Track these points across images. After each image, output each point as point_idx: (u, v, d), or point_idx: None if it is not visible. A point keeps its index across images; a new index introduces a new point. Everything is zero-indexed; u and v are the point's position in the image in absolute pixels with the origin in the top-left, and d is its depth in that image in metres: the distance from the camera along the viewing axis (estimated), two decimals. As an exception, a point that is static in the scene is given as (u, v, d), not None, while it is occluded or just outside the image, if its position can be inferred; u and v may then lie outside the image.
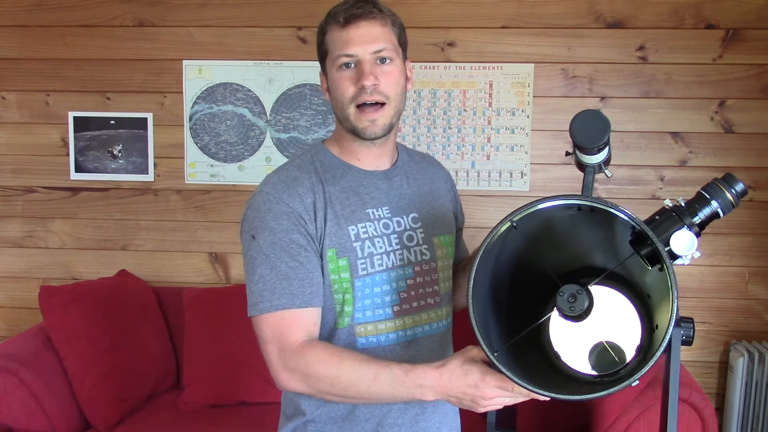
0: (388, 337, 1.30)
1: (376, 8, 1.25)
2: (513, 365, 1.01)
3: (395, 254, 1.31)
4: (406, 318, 1.31)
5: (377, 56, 1.24)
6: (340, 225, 1.27)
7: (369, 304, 1.29)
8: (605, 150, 1.10)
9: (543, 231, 1.08)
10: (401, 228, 1.33)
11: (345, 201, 1.29)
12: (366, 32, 1.23)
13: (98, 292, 2.52)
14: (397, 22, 1.30)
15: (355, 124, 1.26)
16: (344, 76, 1.25)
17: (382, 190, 1.34)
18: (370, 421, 1.30)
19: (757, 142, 2.66)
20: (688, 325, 1.01)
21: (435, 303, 1.35)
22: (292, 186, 1.27)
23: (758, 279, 2.70)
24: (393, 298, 1.30)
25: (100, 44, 2.80)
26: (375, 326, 1.29)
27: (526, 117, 2.71)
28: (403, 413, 1.31)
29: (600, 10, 2.65)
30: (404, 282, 1.31)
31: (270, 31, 2.75)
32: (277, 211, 1.24)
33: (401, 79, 1.29)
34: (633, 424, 1.94)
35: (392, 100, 1.26)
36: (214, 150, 2.81)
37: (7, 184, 2.89)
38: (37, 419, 2.16)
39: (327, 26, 1.27)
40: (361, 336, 1.29)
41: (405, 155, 1.43)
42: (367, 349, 1.28)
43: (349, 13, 1.23)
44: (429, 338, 1.34)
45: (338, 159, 1.34)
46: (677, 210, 1.03)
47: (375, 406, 1.29)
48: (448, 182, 1.51)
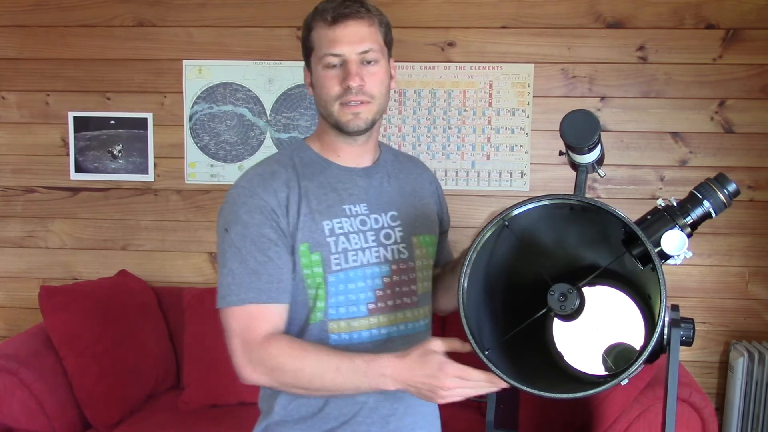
0: (361, 335, 1.29)
1: (363, 8, 1.26)
2: (506, 365, 1.01)
3: (371, 251, 1.31)
4: (381, 316, 1.31)
5: (363, 57, 1.25)
6: (314, 220, 1.28)
7: (343, 300, 1.28)
8: (597, 150, 1.10)
9: (535, 231, 1.08)
10: (379, 225, 1.33)
11: (322, 196, 1.30)
12: (353, 32, 1.24)
13: (98, 292, 2.52)
14: (383, 21, 1.30)
15: (338, 118, 1.27)
16: (330, 75, 1.25)
17: (360, 186, 1.34)
18: (339, 419, 1.29)
19: (757, 142, 2.66)
20: (688, 326, 1.01)
21: (412, 303, 1.34)
22: (268, 180, 1.28)
23: (758, 279, 2.70)
24: (368, 295, 1.30)
25: (100, 44, 2.80)
26: (348, 323, 1.29)
27: (526, 117, 2.71)
28: (372, 413, 1.30)
29: (600, 10, 2.65)
30: (380, 280, 1.31)
31: (270, 31, 2.75)
32: (251, 204, 1.25)
33: (386, 79, 1.30)
34: (633, 424, 1.94)
35: (377, 98, 1.27)
36: (214, 150, 2.81)
37: (7, 184, 2.89)
38: (37, 419, 2.16)
39: (313, 22, 1.28)
40: (333, 332, 1.29)
41: (389, 155, 1.44)
42: (340, 347, 1.27)
43: (337, 12, 1.24)
44: (405, 338, 1.32)
45: (317, 155, 1.34)
46: (669, 210, 1.03)
47: (344, 404, 1.29)
48: (432, 184, 1.50)
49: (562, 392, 0.98)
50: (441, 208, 1.50)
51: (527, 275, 1.09)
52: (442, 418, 1.45)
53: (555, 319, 1.11)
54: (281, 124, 2.79)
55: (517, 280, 1.13)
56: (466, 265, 1.04)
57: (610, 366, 1.08)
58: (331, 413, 1.29)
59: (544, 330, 1.16)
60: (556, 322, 1.13)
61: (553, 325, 1.15)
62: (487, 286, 1.10)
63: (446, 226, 1.52)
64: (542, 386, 0.99)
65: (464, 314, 1.02)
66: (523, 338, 1.06)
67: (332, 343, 1.28)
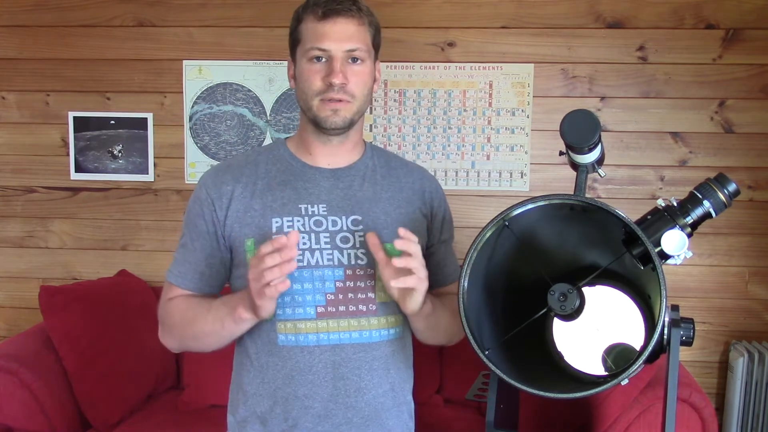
0: (307, 338, 1.28)
1: (355, 6, 1.26)
2: (506, 365, 1.01)
3: (322, 253, 1.29)
4: (330, 321, 1.28)
5: (349, 55, 1.25)
6: (264, 216, 1.30)
7: (289, 301, 1.28)
8: (597, 149, 1.10)
9: (536, 231, 1.08)
10: (336, 228, 1.31)
11: (279, 193, 1.31)
12: (342, 29, 1.24)
13: (98, 292, 2.52)
14: (373, 23, 1.31)
15: (317, 113, 1.27)
16: (314, 69, 1.26)
17: (323, 187, 1.33)
18: (288, 422, 1.31)
19: (757, 142, 2.66)
20: (688, 326, 1.01)
21: (368, 311, 1.30)
22: (219, 174, 1.36)
23: (758, 279, 2.70)
24: (317, 298, 1.28)
25: (100, 44, 2.80)
26: (294, 325, 1.29)
27: (526, 117, 2.71)
28: (323, 420, 1.30)
29: (600, 10, 2.65)
30: (332, 284, 1.29)
31: (270, 31, 2.75)
32: (197, 195, 1.36)
33: (369, 80, 1.30)
34: (633, 424, 1.94)
35: (357, 99, 1.28)
36: (214, 150, 2.81)
37: (7, 184, 2.89)
38: (37, 419, 2.16)
39: (304, 14, 1.27)
40: (281, 332, 1.30)
41: (379, 159, 1.41)
42: (287, 348, 1.29)
43: (328, 8, 1.24)
44: (357, 347, 1.30)
45: (289, 153, 1.37)
46: (669, 210, 1.03)
47: (291, 408, 1.30)
48: (428, 194, 1.43)
49: (562, 392, 0.98)
50: (434, 221, 1.43)
51: (527, 275, 1.09)
52: (443, 418, 1.45)
53: (555, 319, 1.11)
54: (281, 124, 2.79)
55: (517, 280, 1.13)
56: (466, 265, 1.04)
57: (610, 366, 1.08)
58: (277, 417, 1.32)
59: (544, 330, 1.16)
60: (556, 322, 1.13)
61: (553, 325, 1.15)
62: (487, 286, 1.10)
63: (438, 239, 1.44)
64: (542, 386, 0.99)
65: (464, 314, 1.02)
66: (523, 338, 1.06)
67: (280, 343, 1.30)
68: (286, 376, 1.30)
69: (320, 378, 1.29)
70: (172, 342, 1.38)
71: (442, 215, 1.45)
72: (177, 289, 1.38)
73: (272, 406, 1.31)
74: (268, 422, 1.32)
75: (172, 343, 1.38)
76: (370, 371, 1.31)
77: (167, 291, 1.39)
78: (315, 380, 1.29)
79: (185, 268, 1.37)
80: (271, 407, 1.31)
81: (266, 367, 1.32)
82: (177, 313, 1.34)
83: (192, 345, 1.37)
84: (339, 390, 1.30)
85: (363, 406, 1.31)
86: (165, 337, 1.38)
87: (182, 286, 1.37)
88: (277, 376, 1.31)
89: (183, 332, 1.34)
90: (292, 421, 1.30)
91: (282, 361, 1.30)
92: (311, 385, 1.29)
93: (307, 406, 1.30)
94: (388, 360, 1.34)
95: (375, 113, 2.74)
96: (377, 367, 1.32)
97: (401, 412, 1.39)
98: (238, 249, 1.32)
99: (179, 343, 1.38)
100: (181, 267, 1.37)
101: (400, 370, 1.38)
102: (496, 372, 0.99)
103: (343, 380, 1.30)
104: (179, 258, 1.39)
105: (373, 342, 1.32)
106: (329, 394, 1.30)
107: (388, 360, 1.34)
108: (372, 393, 1.32)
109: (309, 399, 1.29)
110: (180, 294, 1.37)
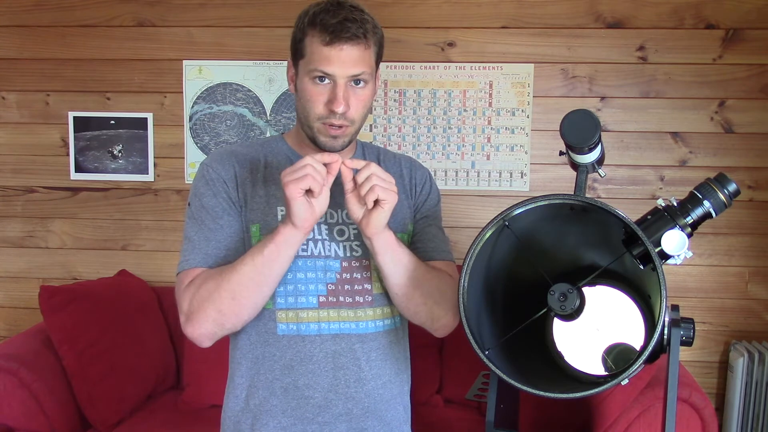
0: (309, 327, 1.30)
1: (362, 29, 1.24)
2: (507, 365, 1.01)
3: (323, 244, 1.32)
4: (331, 311, 1.31)
5: (353, 78, 1.26)
6: (269, 203, 1.32)
7: (292, 290, 1.30)
8: (597, 149, 1.10)
9: (536, 231, 1.08)
10: (333, 220, 1.35)
11: (280, 185, 1.29)
12: (347, 56, 1.24)
13: (98, 292, 2.51)
14: (378, 40, 1.30)
15: (317, 135, 1.30)
16: (316, 91, 1.26)
17: None
18: (286, 413, 1.31)
19: (757, 142, 2.66)
20: (688, 326, 1.01)
21: (365, 302, 1.33)
22: (225, 157, 1.36)
23: (758, 279, 2.70)
24: (319, 287, 1.31)
25: (100, 44, 2.80)
26: (296, 314, 1.30)
27: (526, 117, 2.71)
28: (323, 411, 1.31)
29: (600, 10, 2.65)
30: (333, 274, 1.32)
31: (270, 31, 2.75)
32: (207, 177, 1.33)
33: (370, 101, 1.32)
34: (633, 424, 1.94)
35: (356, 123, 1.30)
36: (215, 150, 2.81)
37: (7, 184, 2.89)
38: (37, 419, 2.16)
39: (309, 29, 1.25)
40: (282, 322, 1.30)
41: (369, 155, 1.45)
42: (287, 337, 1.29)
43: (335, 35, 1.22)
44: (357, 337, 1.32)
45: (289, 147, 1.40)
46: (669, 210, 1.03)
47: (290, 399, 1.30)
48: (411, 178, 1.45)
49: (562, 392, 0.98)
50: (415, 199, 1.45)
51: (527, 275, 1.09)
52: (443, 418, 1.46)
53: (555, 319, 1.11)
54: (281, 124, 2.79)
55: (517, 280, 1.13)
56: (466, 264, 1.04)
57: (610, 366, 1.08)
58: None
59: (544, 330, 1.16)
60: (556, 322, 1.13)
61: (553, 325, 1.15)
62: (487, 286, 1.10)
63: (420, 214, 1.45)
64: (542, 386, 0.99)
65: (464, 314, 1.02)
66: (524, 338, 1.06)
67: (280, 333, 1.30)
68: (285, 366, 1.30)
69: (320, 368, 1.30)
70: (205, 322, 1.25)
71: (421, 192, 1.46)
72: (197, 269, 1.29)
73: (268, 397, 1.31)
74: (262, 415, 1.32)
75: (205, 324, 1.25)
76: (368, 362, 1.33)
77: (184, 278, 1.29)
78: (315, 369, 1.30)
79: (212, 246, 1.29)
80: (267, 398, 1.32)
81: (262, 358, 1.32)
82: (208, 278, 1.24)
83: (229, 311, 1.23)
84: (339, 380, 1.31)
85: (363, 397, 1.33)
86: (195, 322, 1.25)
87: (214, 266, 1.28)
88: (274, 367, 1.31)
89: (219, 295, 1.22)
90: (291, 412, 1.31)
91: (280, 351, 1.31)
92: (311, 374, 1.30)
93: (307, 396, 1.30)
94: (385, 351, 1.36)
95: (375, 113, 2.74)
96: (375, 357, 1.34)
97: (398, 405, 1.41)
98: (246, 232, 1.33)
99: (215, 318, 1.24)
100: (206, 248, 1.29)
101: (398, 361, 1.40)
102: (496, 372, 0.99)
103: (342, 370, 1.31)
104: (199, 242, 1.29)
105: (370, 332, 1.34)
106: (329, 384, 1.31)
107: (386, 351, 1.36)
108: (371, 384, 1.34)
109: (309, 389, 1.30)
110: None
